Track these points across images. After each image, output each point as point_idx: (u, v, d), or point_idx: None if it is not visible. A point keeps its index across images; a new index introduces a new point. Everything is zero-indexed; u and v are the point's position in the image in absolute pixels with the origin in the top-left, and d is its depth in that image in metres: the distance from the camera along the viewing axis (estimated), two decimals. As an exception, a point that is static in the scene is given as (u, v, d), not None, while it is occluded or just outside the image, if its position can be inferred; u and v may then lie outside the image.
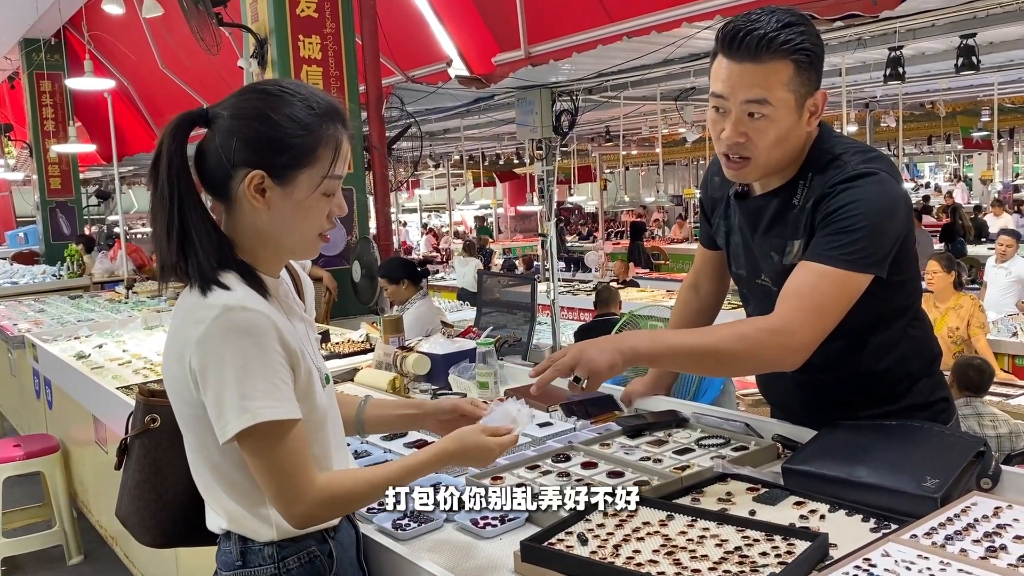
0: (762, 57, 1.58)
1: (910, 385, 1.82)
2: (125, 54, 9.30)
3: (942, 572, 1.23)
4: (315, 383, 1.41)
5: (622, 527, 1.44)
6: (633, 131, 13.72)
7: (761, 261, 1.80)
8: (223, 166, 1.35)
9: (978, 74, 6.87)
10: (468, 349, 2.77)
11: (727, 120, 1.65)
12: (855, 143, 1.77)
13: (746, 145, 1.65)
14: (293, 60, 4.91)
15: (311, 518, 1.35)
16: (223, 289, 1.32)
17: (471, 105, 8.89)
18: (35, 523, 4.45)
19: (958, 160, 23.11)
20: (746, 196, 1.82)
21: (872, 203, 1.61)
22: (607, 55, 6.26)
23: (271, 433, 1.29)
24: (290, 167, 1.35)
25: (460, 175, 17.77)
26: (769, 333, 1.59)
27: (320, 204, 1.39)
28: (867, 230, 1.59)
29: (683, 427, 2.03)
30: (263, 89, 1.40)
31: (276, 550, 1.40)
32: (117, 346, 4.31)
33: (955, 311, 5.28)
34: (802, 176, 1.72)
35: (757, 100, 1.61)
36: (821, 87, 1.67)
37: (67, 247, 8.80)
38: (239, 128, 1.35)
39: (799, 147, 1.70)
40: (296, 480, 1.31)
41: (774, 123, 1.62)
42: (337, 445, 1.50)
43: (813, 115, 1.67)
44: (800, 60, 1.60)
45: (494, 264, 14.54)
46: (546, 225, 8.00)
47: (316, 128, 1.36)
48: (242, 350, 1.28)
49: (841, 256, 1.59)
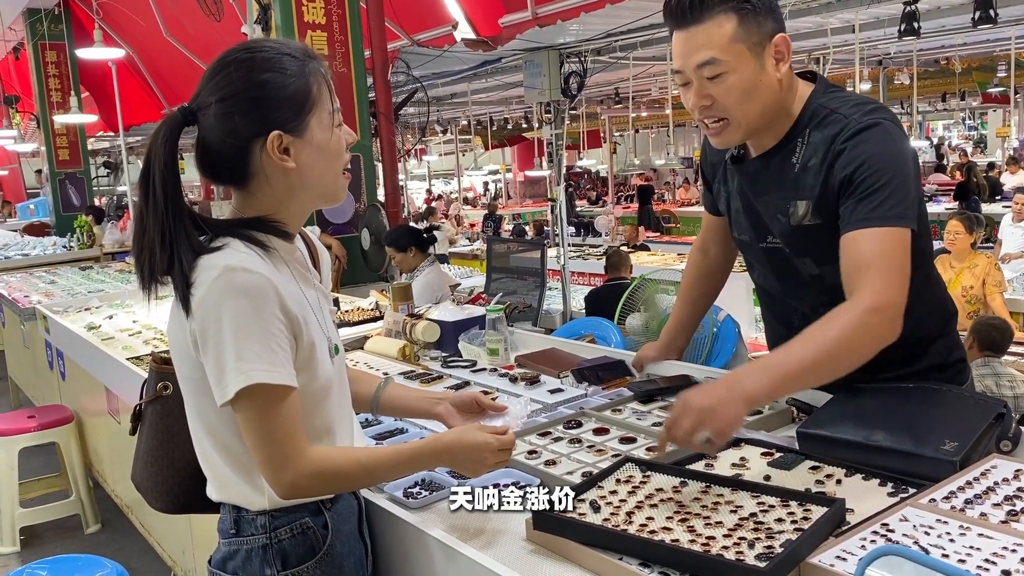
0: (701, 17, 1.58)
1: (927, 346, 1.79)
2: (129, 24, 9.20)
3: (962, 536, 1.21)
4: (319, 353, 1.39)
5: (635, 494, 1.42)
6: (643, 92, 13.55)
7: (770, 223, 1.76)
8: (234, 148, 1.34)
9: (995, 28, 6.72)
10: (478, 316, 2.75)
11: (691, 91, 1.64)
12: (851, 96, 1.72)
13: (715, 107, 1.64)
14: (297, 25, 4.85)
15: (297, 487, 1.34)
16: (227, 249, 1.31)
17: (478, 69, 8.77)
18: (52, 493, 4.49)
19: (973, 117, 22.78)
20: (743, 160, 1.79)
21: (890, 155, 1.58)
22: (616, 14, 6.14)
23: (264, 396, 1.28)
24: (298, 116, 1.35)
25: (468, 140, 17.66)
26: (871, 313, 1.51)
27: (337, 138, 1.41)
28: (896, 182, 1.57)
29: (696, 392, 2.01)
30: (235, 59, 1.37)
31: (268, 520, 1.39)
32: (127, 317, 4.32)
33: (970, 270, 5.21)
34: (799, 134, 1.68)
35: (707, 62, 1.59)
36: (787, 31, 1.64)
37: (77, 218, 8.79)
38: (234, 105, 1.33)
39: (777, 98, 1.66)
40: (285, 448, 1.31)
41: (734, 77, 1.60)
42: (342, 418, 1.48)
43: (780, 61, 1.64)
44: (743, 8, 1.58)
45: (504, 230, 14.48)
46: (555, 190, 7.93)
47: (302, 71, 1.36)
48: (240, 311, 1.27)
49: (887, 215, 1.56)
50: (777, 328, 1.95)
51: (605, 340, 4.01)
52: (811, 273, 1.75)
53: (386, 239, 4.84)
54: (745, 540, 1.23)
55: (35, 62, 9.79)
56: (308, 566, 1.41)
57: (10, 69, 11.52)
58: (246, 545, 1.40)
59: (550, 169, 8.36)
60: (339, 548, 1.44)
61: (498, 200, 21.54)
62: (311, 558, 1.41)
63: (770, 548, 1.20)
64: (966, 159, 15.49)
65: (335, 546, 1.43)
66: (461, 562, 1.33)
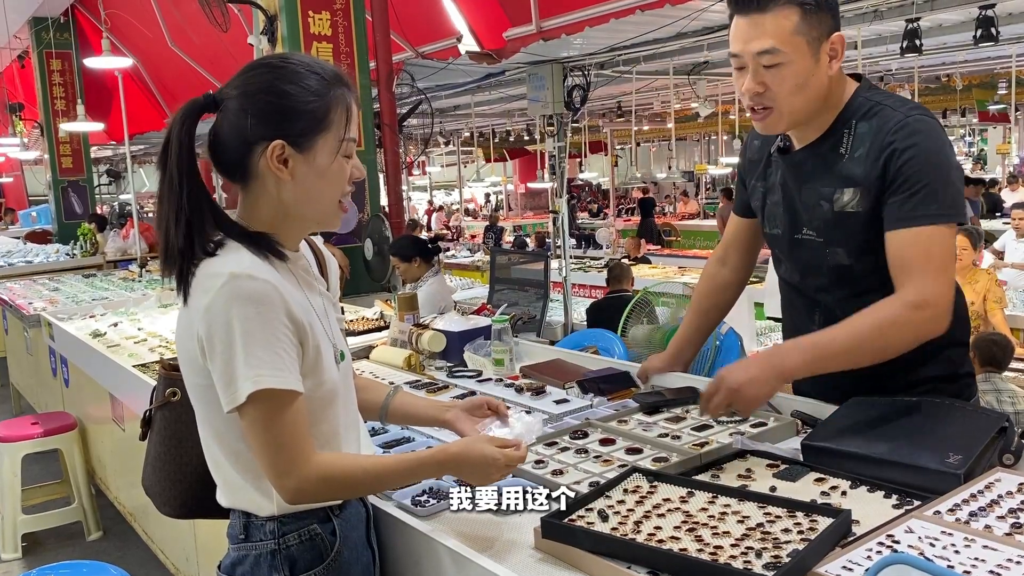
0: (767, 6, 1.64)
1: (942, 350, 1.80)
2: (134, 33, 9.25)
3: (967, 548, 1.22)
4: (325, 359, 1.40)
5: (642, 503, 1.43)
6: (645, 106, 13.62)
7: (805, 213, 1.81)
8: (240, 145, 1.36)
9: (996, 46, 6.76)
10: (483, 326, 2.77)
11: (746, 75, 1.70)
12: (894, 94, 1.80)
13: (766, 95, 1.69)
14: (303, 37, 4.88)
15: (302, 493, 1.35)
16: (231, 255, 1.33)
17: (482, 81, 8.82)
18: (54, 500, 4.49)
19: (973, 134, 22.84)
20: (788, 151, 1.84)
21: (937, 153, 1.66)
22: (620, 29, 6.18)
23: (271, 401, 1.29)
24: (307, 133, 1.37)
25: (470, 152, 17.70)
26: (913, 309, 1.61)
27: (341, 167, 1.41)
28: (943, 179, 1.64)
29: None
30: (268, 63, 1.42)
31: (277, 526, 1.40)
32: (132, 324, 4.33)
33: (971, 286, 5.23)
34: (845, 124, 1.74)
35: (767, 50, 1.65)
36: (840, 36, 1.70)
37: (80, 226, 8.82)
38: (251, 104, 1.36)
39: (823, 93, 1.72)
40: (291, 453, 1.32)
41: (790, 69, 1.66)
42: (348, 424, 1.49)
43: (833, 59, 1.70)
44: (806, 4, 1.63)
45: (505, 242, 14.51)
46: (557, 202, 7.96)
47: (325, 92, 1.38)
48: (246, 318, 1.28)
49: (937, 212, 1.63)
50: (797, 322, 1.97)
51: (608, 352, 4.03)
52: (841, 264, 1.79)
53: (391, 248, 4.86)
54: (752, 550, 1.24)
55: (40, 70, 9.84)
56: (316, 572, 1.42)
57: (14, 77, 11.57)
58: (255, 551, 1.41)
59: (552, 181, 8.39)
60: (346, 555, 1.45)
61: (499, 212, 21.60)
62: (319, 564, 1.42)
63: (777, 558, 1.21)
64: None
65: (343, 553, 1.44)
66: (471, 570, 1.34)
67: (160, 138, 1.39)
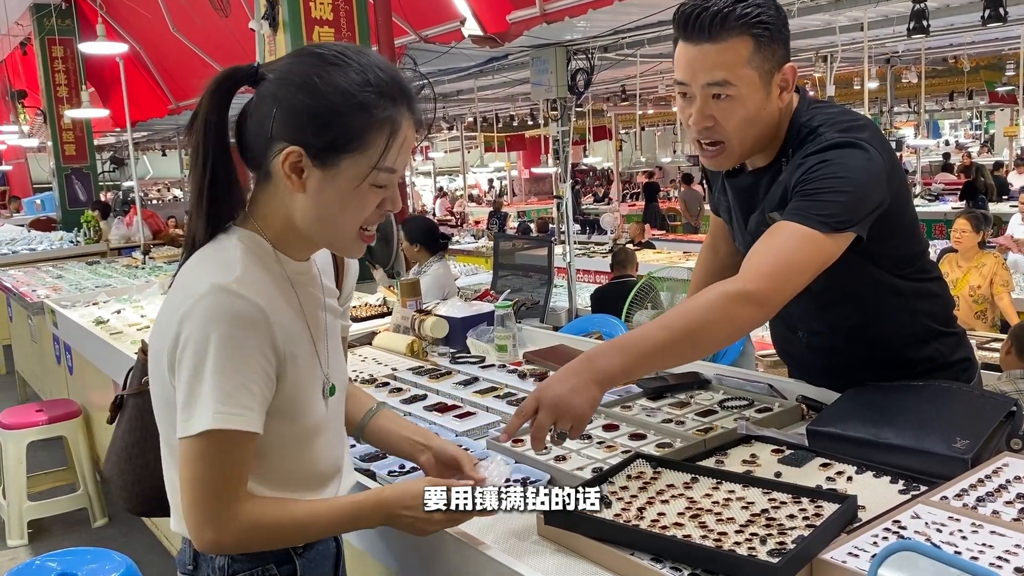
0: (718, 36, 1.54)
1: (920, 347, 1.80)
2: (136, 18, 9.22)
3: (974, 534, 1.21)
4: (305, 396, 1.26)
5: (646, 489, 1.42)
6: (649, 90, 13.53)
7: (754, 237, 1.74)
8: (261, 135, 1.20)
9: (1004, 26, 6.70)
10: (486, 312, 2.75)
11: (693, 106, 1.61)
12: (836, 113, 1.67)
13: (715, 129, 1.61)
14: (305, 21, 4.84)
15: (220, 547, 1.21)
16: (221, 255, 1.21)
17: (485, 65, 8.78)
18: (59, 487, 4.51)
19: (980, 116, 22.72)
20: (737, 174, 1.78)
21: (844, 166, 1.54)
22: (623, 11, 6.15)
23: (221, 442, 1.15)
24: (333, 150, 1.17)
25: (474, 137, 17.65)
26: (732, 302, 1.45)
27: (367, 197, 1.21)
28: (838, 189, 1.52)
29: (705, 389, 2.01)
30: (318, 52, 1.21)
31: (228, 562, 1.27)
32: (135, 311, 4.32)
33: (977, 269, 5.20)
34: (784, 154, 1.67)
35: (718, 82, 1.56)
36: (794, 29, 1.65)
37: (83, 213, 8.82)
38: (282, 94, 1.19)
39: (774, 124, 1.65)
40: (221, 498, 1.17)
41: (740, 103, 1.58)
42: (328, 461, 1.35)
43: (784, 91, 1.62)
44: (759, 34, 1.55)
45: (509, 227, 14.49)
46: (561, 187, 7.93)
47: (369, 106, 1.18)
48: (221, 341, 1.13)
49: (813, 215, 1.50)
50: (779, 327, 1.98)
51: (612, 337, 4.01)
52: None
53: (405, 224, 4.89)
54: (757, 536, 1.23)
55: (42, 57, 9.81)
56: None
57: (17, 64, 11.55)
58: None
59: (556, 166, 8.36)
60: None
61: (503, 197, 21.56)
62: None
63: (782, 544, 1.20)
64: (969, 160, 15.39)
65: None
66: (472, 557, 1.33)
67: (162, 125, 1.32)
